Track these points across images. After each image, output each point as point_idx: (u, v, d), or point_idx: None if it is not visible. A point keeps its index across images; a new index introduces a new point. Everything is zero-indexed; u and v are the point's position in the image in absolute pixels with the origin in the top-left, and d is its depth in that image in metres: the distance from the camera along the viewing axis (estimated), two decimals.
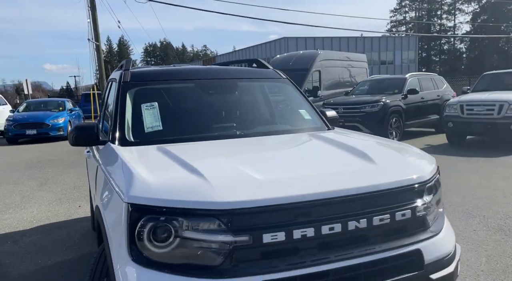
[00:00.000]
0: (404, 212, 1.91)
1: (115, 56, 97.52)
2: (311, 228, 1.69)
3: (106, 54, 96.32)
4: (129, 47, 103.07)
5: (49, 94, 54.75)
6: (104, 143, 2.66)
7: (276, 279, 1.63)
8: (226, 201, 1.64)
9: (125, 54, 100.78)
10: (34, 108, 15.61)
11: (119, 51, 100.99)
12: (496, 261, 3.52)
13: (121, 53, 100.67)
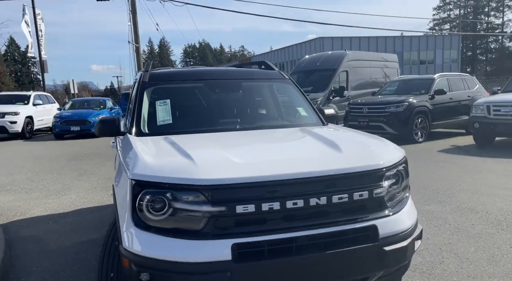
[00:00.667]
0: (362, 193, 2.26)
1: (156, 57, 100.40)
2: (277, 203, 2.09)
3: (148, 55, 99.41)
4: (169, 48, 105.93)
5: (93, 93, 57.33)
6: (124, 134, 3.16)
7: (246, 242, 2.04)
8: (208, 178, 2.07)
9: (165, 55, 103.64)
10: (79, 106, 16.74)
11: (160, 52, 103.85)
12: (483, 251, 3.75)
13: (161, 54, 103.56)
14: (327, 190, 2.19)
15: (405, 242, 2.35)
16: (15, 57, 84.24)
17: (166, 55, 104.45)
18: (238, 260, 1.99)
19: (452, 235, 4.15)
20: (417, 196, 5.60)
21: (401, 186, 2.55)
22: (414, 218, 2.55)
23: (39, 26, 18.70)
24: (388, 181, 2.42)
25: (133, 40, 20.38)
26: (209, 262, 1.98)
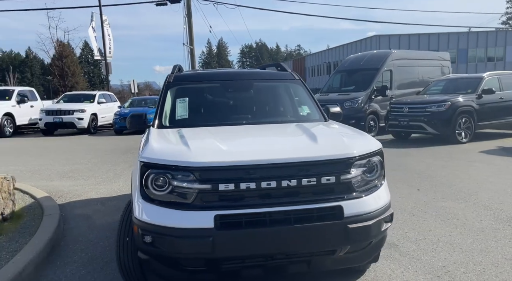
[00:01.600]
0: (329, 178, 2.65)
1: (214, 58, 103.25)
2: (253, 183, 2.55)
3: (206, 56, 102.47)
4: (227, 49, 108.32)
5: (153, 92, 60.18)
6: (148, 127, 3.77)
7: (226, 214, 2.52)
8: (197, 161, 2.58)
9: (223, 56, 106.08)
10: (137, 104, 18.05)
11: (218, 52, 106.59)
12: (479, 243, 3.95)
13: (219, 55, 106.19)
14: (297, 174, 2.61)
15: (369, 222, 2.70)
16: (88, 60, 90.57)
17: (224, 55, 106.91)
18: (219, 228, 2.48)
19: (455, 229, 4.35)
20: (436, 193, 5.78)
21: (375, 174, 2.91)
22: (383, 202, 2.87)
23: (106, 31, 20.38)
24: (358, 169, 2.79)
25: (188, 42, 21.47)
26: (196, 229, 2.48)
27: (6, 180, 4.55)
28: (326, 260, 2.85)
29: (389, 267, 3.48)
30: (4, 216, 4.46)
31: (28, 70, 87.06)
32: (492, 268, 3.41)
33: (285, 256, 2.70)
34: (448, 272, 3.36)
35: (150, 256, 2.69)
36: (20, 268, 3.22)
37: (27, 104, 17.22)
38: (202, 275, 2.70)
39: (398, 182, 6.57)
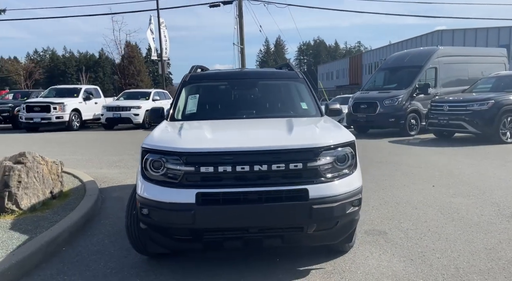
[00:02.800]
0: (297, 164, 3.07)
1: (272, 56, 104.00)
2: (229, 167, 3.04)
3: (264, 54, 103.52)
4: (285, 47, 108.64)
5: None
6: (163, 120, 4.37)
7: (206, 192, 3.01)
8: (183, 147, 3.11)
9: (280, 54, 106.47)
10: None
11: (276, 51, 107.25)
12: (467, 235, 4.14)
13: (277, 53, 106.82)
14: (268, 160, 3.05)
15: (332, 204, 3.08)
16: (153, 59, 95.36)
17: (281, 53, 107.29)
18: (200, 204, 2.99)
19: (451, 221, 4.54)
20: (449, 190, 5.90)
21: (345, 163, 3.28)
22: (350, 188, 3.22)
23: (162, 33, 21.73)
24: (326, 157, 3.17)
25: (239, 42, 22.23)
26: (181, 203, 3.01)
27: (55, 164, 5.40)
28: (298, 236, 3.26)
29: (369, 250, 3.80)
30: (53, 194, 5.29)
31: (100, 70, 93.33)
32: (467, 255, 3.63)
33: (258, 230, 3.15)
34: (423, 256, 3.63)
35: (147, 226, 3.26)
36: (55, 234, 3.95)
37: (92, 101, 18.89)
38: (189, 244, 3.23)
39: (417, 178, 6.72)
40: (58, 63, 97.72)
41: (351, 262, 3.56)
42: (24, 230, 4.13)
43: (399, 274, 3.32)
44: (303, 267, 3.46)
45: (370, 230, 4.32)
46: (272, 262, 3.57)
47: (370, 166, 7.93)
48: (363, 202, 5.08)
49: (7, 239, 3.86)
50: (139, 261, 3.64)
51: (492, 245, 3.86)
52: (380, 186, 6.26)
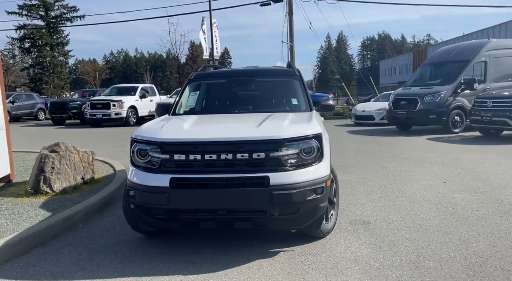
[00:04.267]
0: (259, 154, 3.40)
1: (333, 52, 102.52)
2: (199, 155, 3.45)
3: (325, 51, 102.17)
4: (347, 42, 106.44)
5: None
6: (167, 114, 4.87)
7: (178, 177, 3.43)
8: (161, 137, 3.57)
9: (342, 50, 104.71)
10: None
11: (338, 46, 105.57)
12: (450, 227, 4.22)
13: (339, 49, 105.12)
14: (233, 150, 3.41)
15: (292, 191, 3.37)
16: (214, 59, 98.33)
17: (344, 49, 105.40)
18: (173, 187, 3.41)
19: (441, 215, 4.61)
20: (459, 187, 5.87)
21: (310, 154, 3.55)
22: (313, 177, 3.49)
23: (213, 33, 22.62)
24: (289, 148, 3.47)
25: (288, 39, 22.47)
26: (157, 186, 3.46)
27: (86, 154, 6.14)
28: (265, 220, 3.58)
29: (344, 237, 4.03)
30: (85, 180, 6.04)
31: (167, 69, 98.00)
32: (436, 245, 3.74)
33: (226, 212, 3.53)
34: (392, 244, 3.80)
35: (135, 206, 3.76)
36: (72, 212, 4.61)
37: (147, 99, 20.21)
38: (169, 223, 3.68)
39: (432, 175, 6.69)
40: (130, 63, 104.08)
41: (321, 247, 3.81)
42: (50, 208, 4.84)
43: (360, 258, 3.54)
44: (274, 249, 3.77)
45: (355, 220, 4.51)
46: (248, 244, 3.91)
47: (392, 162, 7.94)
48: (364, 195, 5.29)
49: (34, 215, 4.57)
50: (136, 238, 4.15)
51: (468, 237, 3.91)
52: (390, 181, 6.33)
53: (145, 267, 3.48)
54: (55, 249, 3.93)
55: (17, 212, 4.67)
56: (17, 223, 4.28)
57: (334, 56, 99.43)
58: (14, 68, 64.90)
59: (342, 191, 5.75)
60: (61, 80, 57.77)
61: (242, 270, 3.37)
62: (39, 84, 55.60)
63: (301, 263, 3.49)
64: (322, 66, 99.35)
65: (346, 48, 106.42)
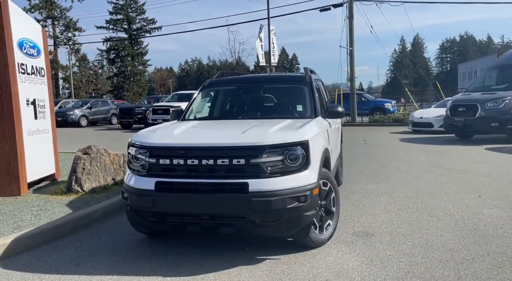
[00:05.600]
0: (239, 160, 3.41)
1: (407, 55, 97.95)
2: (182, 160, 3.54)
3: (398, 54, 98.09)
4: (423, 45, 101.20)
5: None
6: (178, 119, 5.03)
7: (163, 181, 3.54)
8: (149, 142, 3.71)
9: (418, 53, 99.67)
10: None
11: (412, 50, 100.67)
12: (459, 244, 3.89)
13: (414, 52, 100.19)
14: (214, 156, 3.45)
15: (271, 198, 3.33)
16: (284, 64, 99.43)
17: (419, 52, 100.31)
18: (158, 191, 3.53)
19: (457, 232, 4.25)
20: (494, 202, 5.38)
21: (295, 162, 3.49)
22: (295, 185, 3.42)
23: (271, 40, 22.84)
24: (271, 155, 3.43)
25: (348, 44, 21.97)
26: (144, 189, 3.59)
27: (118, 156, 6.54)
28: (249, 226, 3.57)
29: (338, 248, 3.89)
30: (115, 181, 6.44)
31: None
32: (433, 263, 3.48)
33: (209, 217, 3.58)
34: (387, 259, 3.59)
35: (129, 208, 3.94)
36: (89, 212, 4.94)
37: None
38: (158, 225, 3.81)
39: (468, 188, 6.21)
40: (203, 71, 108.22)
41: (310, 257, 3.72)
42: (74, 206, 5.23)
43: (344, 271, 3.40)
44: (262, 257, 3.74)
45: (359, 232, 4.33)
46: (239, 249, 3.92)
47: (431, 172, 7.46)
48: (381, 206, 5.05)
49: (57, 212, 4.97)
50: (138, 239, 4.33)
51: (475, 256, 3.59)
52: (418, 192, 5.96)
53: (132, 266, 3.63)
54: (64, 244, 4.24)
55: (44, 209, 5.11)
56: (39, 219, 4.69)
57: (409, 59, 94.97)
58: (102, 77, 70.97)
59: (360, 201, 5.56)
60: (139, 87, 62.22)
61: (220, 275, 3.40)
62: (120, 91, 60.22)
63: (281, 272, 3.43)
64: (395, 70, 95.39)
65: (422, 51, 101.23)
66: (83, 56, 63.99)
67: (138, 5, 60.49)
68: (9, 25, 5.74)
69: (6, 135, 5.75)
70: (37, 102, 6.39)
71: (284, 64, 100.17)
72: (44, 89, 6.68)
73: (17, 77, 5.88)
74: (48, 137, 6.73)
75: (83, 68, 67.18)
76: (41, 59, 6.62)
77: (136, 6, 60.60)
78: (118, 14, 59.79)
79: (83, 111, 24.88)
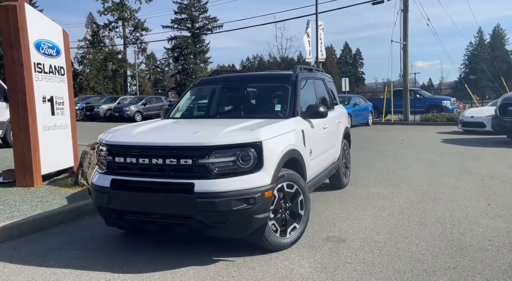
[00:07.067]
0: (187, 160, 3.38)
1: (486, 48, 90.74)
2: (134, 158, 3.58)
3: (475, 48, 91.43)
4: (505, 37, 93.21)
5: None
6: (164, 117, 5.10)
7: (117, 179, 3.60)
8: (108, 140, 3.79)
9: (498, 45, 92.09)
10: None
11: (492, 42, 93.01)
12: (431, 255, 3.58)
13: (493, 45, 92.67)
14: (163, 155, 3.45)
15: (215, 199, 3.27)
16: (347, 60, 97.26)
17: (500, 45, 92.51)
18: (113, 188, 3.60)
19: (438, 242, 3.92)
20: (501, 212, 4.86)
21: (247, 163, 3.40)
22: (242, 187, 3.33)
23: (319, 35, 22.36)
24: (219, 156, 3.37)
25: (402, 38, 20.92)
26: (102, 186, 3.68)
27: None
28: (200, 227, 3.53)
29: (299, 253, 3.74)
30: None
31: None
32: (389, 274, 3.23)
33: (161, 216, 3.59)
34: (341, 267, 3.40)
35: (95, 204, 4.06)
36: (79, 205, 5.16)
37: None
38: (119, 222, 3.88)
39: (480, 195, 5.68)
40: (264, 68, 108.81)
41: (266, 260, 3.61)
42: (73, 199, 5.51)
43: (289, 277, 3.27)
44: (218, 258, 3.69)
45: (331, 237, 4.13)
46: (199, 249, 3.87)
47: (451, 177, 6.94)
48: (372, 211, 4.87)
49: (54, 204, 5.25)
50: (115, 233, 4.40)
51: (437, 269, 3.29)
52: (422, 198, 5.56)
53: (90, 260, 3.71)
54: (46, 235, 4.45)
55: (44, 200, 5.43)
56: (35, 210, 4.98)
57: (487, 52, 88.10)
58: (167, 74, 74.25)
59: (355, 204, 5.32)
60: None
61: (165, 274, 3.39)
62: (183, 88, 62.58)
63: (227, 274, 3.37)
64: (470, 65, 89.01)
65: (503, 43, 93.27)
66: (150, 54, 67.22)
67: (201, 4, 62.36)
68: (25, 27, 6.15)
69: (21, 130, 6.18)
70: (54, 99, 6.80)
71: (347, 59, 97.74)
72: (64, 87, 7.08)
73: (33, 76, 6.29)
74: (66, 132, 7.14)
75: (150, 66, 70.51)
76: (61, 58, 7.02)
77: (200, 5, 62.53)
78: (182, 14, 62.05)
79: (138, 107, 26.11)
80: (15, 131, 6.21)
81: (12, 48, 6.07)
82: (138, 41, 60.34)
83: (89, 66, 59.17)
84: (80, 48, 58.96)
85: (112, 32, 59.61)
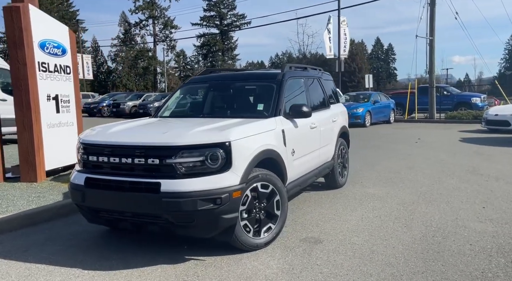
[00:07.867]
0: (153, 160, 3.41)
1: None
2: (106, 157, 3.64)
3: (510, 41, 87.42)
4: None
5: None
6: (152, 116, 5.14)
7: (90, 177, 3.67)
8: (83, 139, 3.85)
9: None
10: (351, 99, 18.78)
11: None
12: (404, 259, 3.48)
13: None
14: (132, 154, 3.49)
15: (180, 199, 3.27)
16: (378, 55, 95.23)
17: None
18: (87, 186, 3.67)
19: (416, 245, 3.78)
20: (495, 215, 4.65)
21: (216, 163, 3.40)
22: (209, 187, 3.33)
23: (343, 31, 21.94)
24: (186, 156, 3.37)
25: (428, 33, 20.28)
26: (77, 184, 3.76)
27: None
28: (170, 226, 3.55)
29: (271, 253, 3.71)
30: None
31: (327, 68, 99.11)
32: (356, 277, 3.14)
33: (132, 214, 3.63)
34: (308, 269, 3.36)
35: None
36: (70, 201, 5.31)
37: None
38: (97, 220, 3.95)
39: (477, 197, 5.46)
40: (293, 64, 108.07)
41: (236, 260, 3.59)
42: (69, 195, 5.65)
43: (254, 277, 3.25)
44: (190, 257, 3.70)
45: (309, 238, 4.07)
46: (173, 248, 3.89)
47: (456, 177, 6.71)
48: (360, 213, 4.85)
49: (49, 199, 5.40)
50: (101, 230, 4.48)
51: (406, 273, 3.18)
52: (417, 199, 5.41)
53: (66, 256, 3.78)
54: (35, 230, 4.58)
55: (41, 196, 5.60)
56: (29, 205, 5.15)
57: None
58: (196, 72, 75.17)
59: (344, 205, 5.22)
60: None
61: (133, 272, 3.42)
62: None
63: (193, 274, 3.38)
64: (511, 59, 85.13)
65: None
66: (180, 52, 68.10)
67: (230, 1, 62.72)
68: (29, 28, 6.35)
69: (25, 127, 6.40)
70: (60, 97, 7.00)
71: (379, 54, 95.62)
72: (69, 85, 7.28)
73: (37, 75, 6.50)
74: (72, 129, 7.33)
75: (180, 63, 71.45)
76: (67, 58, 7.22)
77: (228, 2, 62.91)
78: (211, 11, 62.61)
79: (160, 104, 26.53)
80: (20, 129, 6.43)
81: (17, 48, 6.28)
82: (167, 39, 61.34)
83: (122, 63, 60.71)
84: (113, 46, 60.67)
85: (143, 30, 60.97)
